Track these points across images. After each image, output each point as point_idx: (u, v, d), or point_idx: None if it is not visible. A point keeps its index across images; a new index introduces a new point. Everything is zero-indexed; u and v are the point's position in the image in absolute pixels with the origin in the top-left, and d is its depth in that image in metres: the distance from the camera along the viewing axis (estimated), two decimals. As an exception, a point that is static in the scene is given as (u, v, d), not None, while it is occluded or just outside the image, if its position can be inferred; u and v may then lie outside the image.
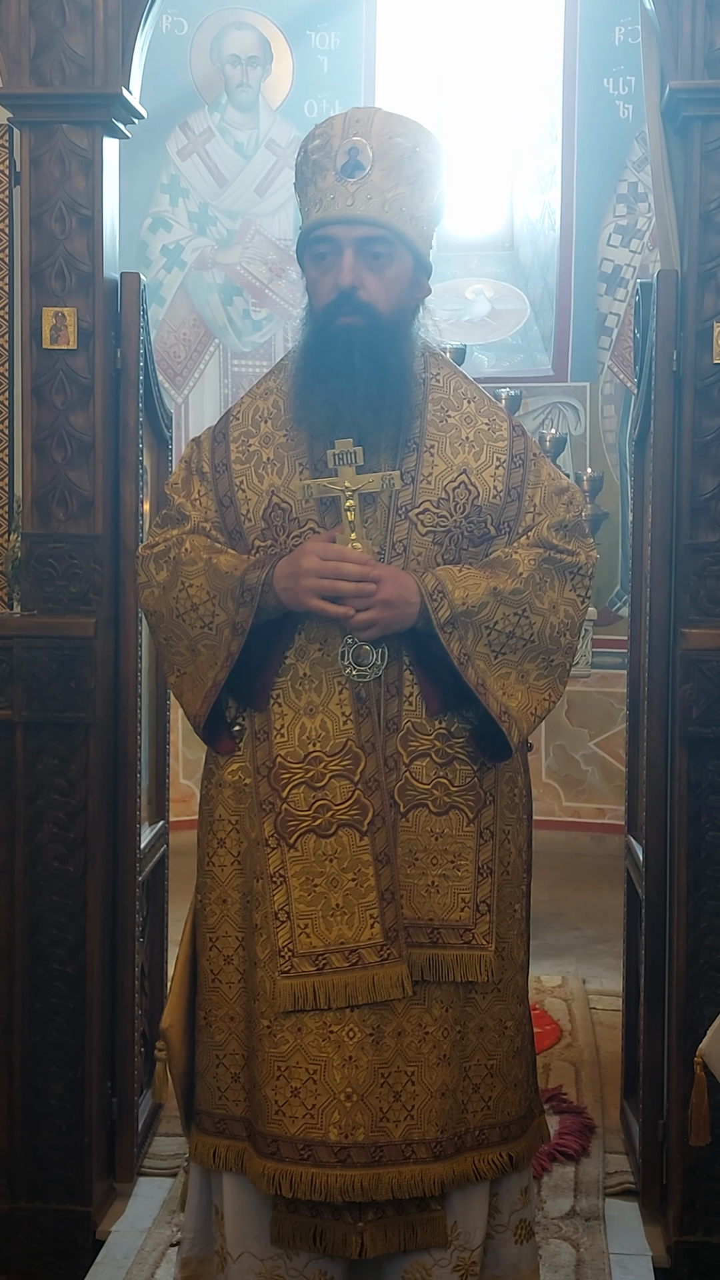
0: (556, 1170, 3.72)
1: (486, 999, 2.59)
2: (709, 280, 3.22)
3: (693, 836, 3.27)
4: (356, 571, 2.42)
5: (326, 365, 2.47)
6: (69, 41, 3.27)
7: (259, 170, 7.41)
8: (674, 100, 3.24)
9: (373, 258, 2.50)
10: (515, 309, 7.78)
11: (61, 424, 3.34)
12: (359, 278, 2.48)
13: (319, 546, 2.45)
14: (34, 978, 3.38)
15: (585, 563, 2.61)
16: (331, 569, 2.42)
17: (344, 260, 2.48)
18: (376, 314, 2.49)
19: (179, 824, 4.58)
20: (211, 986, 2.63)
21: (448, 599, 2.46)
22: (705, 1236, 3.31)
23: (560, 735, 7.31)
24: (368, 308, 2.48)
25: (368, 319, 2.48)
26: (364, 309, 2.48)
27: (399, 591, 2.44)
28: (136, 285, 3.45)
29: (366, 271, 2.49)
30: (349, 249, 2.48)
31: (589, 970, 5.38)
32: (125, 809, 3.52)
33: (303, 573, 2.43)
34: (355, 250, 2.48)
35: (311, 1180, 2.49)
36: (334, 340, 2.47)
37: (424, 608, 2.45)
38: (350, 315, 2.47)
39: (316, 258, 2.53)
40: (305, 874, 2.51)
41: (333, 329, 2.48)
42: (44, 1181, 3.42)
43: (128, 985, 3.54)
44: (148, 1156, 3.74)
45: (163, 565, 2.61)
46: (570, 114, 7.34)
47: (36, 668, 3.33)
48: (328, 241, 2.51)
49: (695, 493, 3.25)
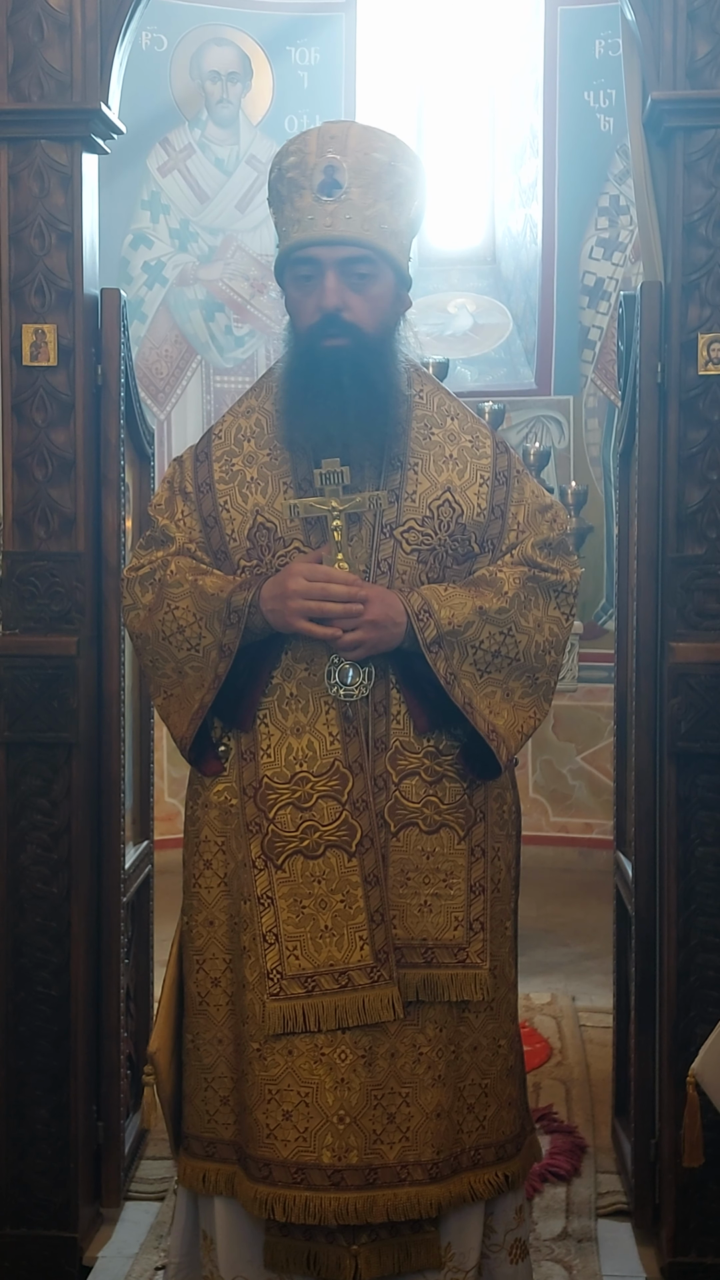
0: (548, 1191, 3.69)
1: (480, 1018, 2.58)
2: (693, 291, 3.21)
3: (682, 852, 3.25)
4: (343, 593, 2.41)
5: (314, 388, 2.46)
6: (46, 56, 3.25)
7: (240, 186, 7.40)
8: (656, 111, 3.23)
9: (357, 278, 2.48)
10: (498, 323, 7.77)
11: (42, 441, 3.31)
12: (343, 299, 2.47)
13: (305, 568, 2.44)
14: (17, 1001, 3.35)
15: (569, 580, 2.60)
16: (318, 590, 2.41)
17: (327, 282, 2.47)
18: (362, 334, 2.48)
19: (165, 842, 4.54)
20: (199, 1009, 2.61)
21: (434, 618, 2.44)
22: (699, 1257, 3.27)
23: (547, 750, 7.29)
24: (353, 328, 2.47)
25: (354, 340, 2.46)
26: (350, 330, 2.47)
27: (386, 612, 2.43)
28: (117, 301, 3.43)
29: (350, 292, 2.48)
30: (331, 270, 2.47)
31: (578, 987, 5.35)
32: (109, 829, 3.48)
33: (289, 594, 2.41)
34: (338, 271, 2.47)
35: (305, 1204, 2.47)
36: (321, 362, 2.46)
37: (410, 627, 2.44)
38: (336, 337, 2.46)
39: (299, 279, 2.52)
40: (293, 895, 2.48)
41: (319, 351, 2.47)
42: (29, 1207, 3.38)
43: (113, 1008, 3.50)
44: (135, 1181, 3.70)
45: (148, 588, 2.58)
46: (551, 127, 7.34)
47: (18, 687, 3.30)
48: (310, 263, 2.49)
49: (681, 505, 3.24)
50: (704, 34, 3.18)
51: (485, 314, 7.80)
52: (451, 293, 7.83)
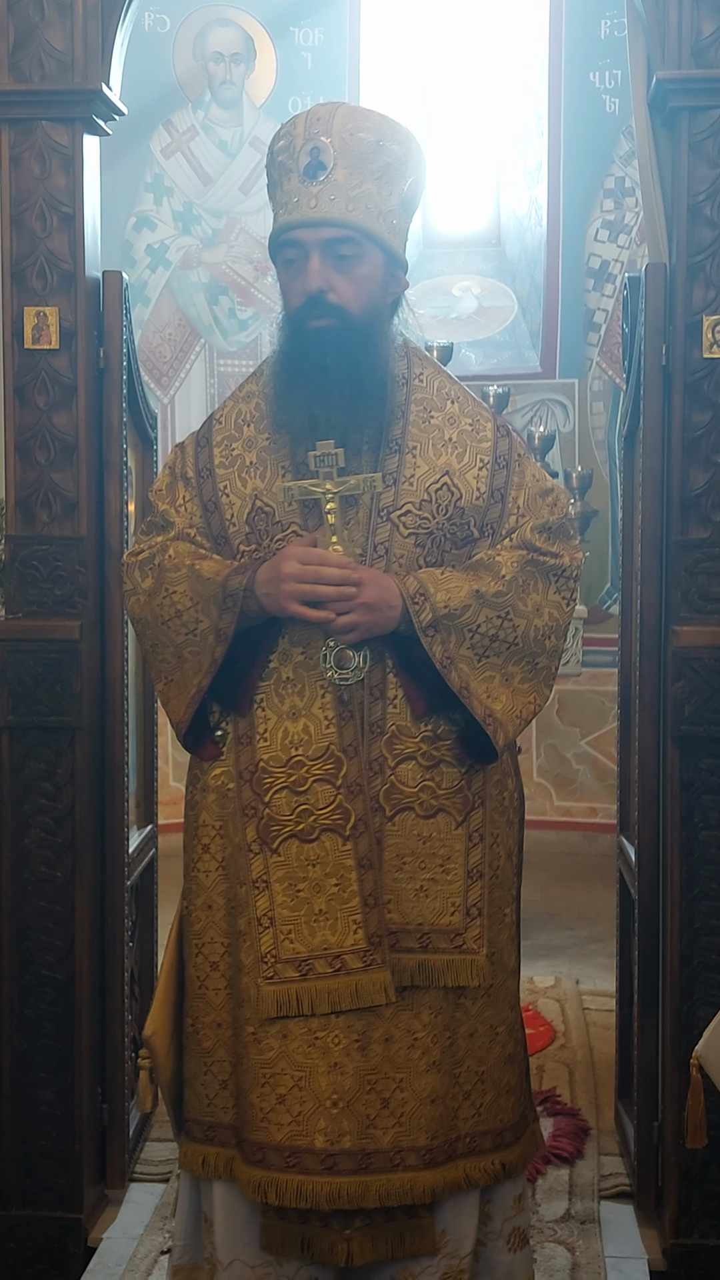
0: (551, 1173, 3.69)
1: (477, 1004, 2.57)
2: (698, 273, 3.20)
3: (685, 836, 3.25)
4: (337, 575, 2.40)
5: (301, 369, 2.45)
6: (47, 37, 3.24)
7: (243, 168, 7.37)
8: (661, 91, 3.21)
9: (340, 259, 2.47)
10: (502, 306, 7.75)
11: (44, 425, 3.30)
12: (327, 280, 2.46)
13: (299, 551, 2.43)
14: (22, 984, 3.35)
15: (570, 565, 2.58)
16: (311, 573, 2.40)
17: (311, 264, 2.46)
18: (348, 315, 2.46)
19: (169, 827, 4.54)
20: (198, 993, 2.60)
21: (430, 602, 2.43)
22: (701, 1239, 3.28)
23: (551, 734, 7.29)
24: (338, 309, 2.45)
25: (339, 320, 2.45)
26: (334, 311, 2.45)
27: (380, 595, 2.41)
28: (119, 284, 3.41)
29: (335, 273, 2.46)
30: (315, 252, 2.46)
31: (582, 970, 5.36)
32: (113, 813, 3.49)
33: (283, 577, 2.40)
34: (321, 253, 2.46)
35: (298, 1188, 2.47)
36: (307, 344, 2.45)
37: (406, 611, 2.43)
38: (321, 318, 2.45)
39: (286, 262, 2.51)
40: (288, 879, 2.48)
41: (305, 332, 2.46)
42: (35, 1189, 3.39)
43: (117, 990, 3.51)
44: (139, 1162, 3.71)
45: (147, 572, 2.58)
46: (556, 109, 7.31)
47: (22, 671, 3.29)
48: (295, 245, 2.48)
49: (686, 488, 3.23)
50: (710, 13, 3.16)
51: (490, 297, 7.78)
52: (456, 275, 7.80)
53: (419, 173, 2.57)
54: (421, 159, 2.58)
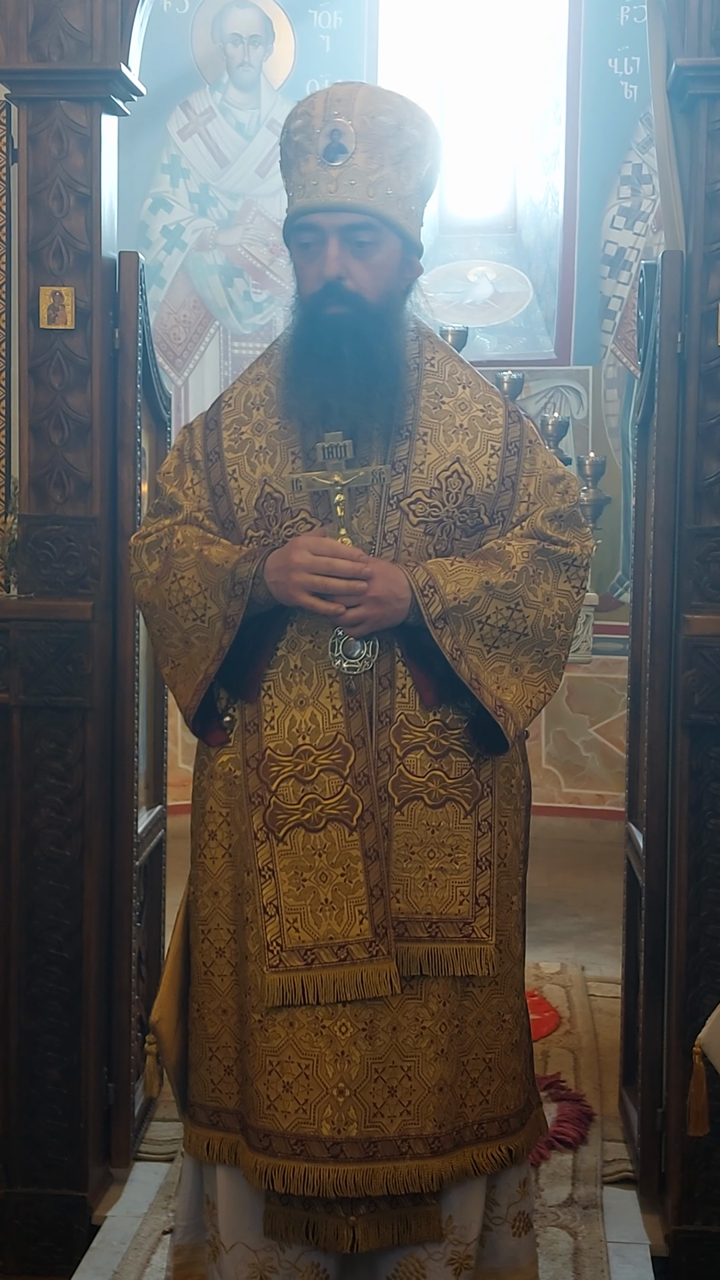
0: (554, 1158, 3.70)
1: (484, 993, 2.57)
2: (715, 261, 3.19)
3: (694, 824, 3.25)
4: (348, 568, 2.38)
5: (315, 356, 2.43)
6: (67, 16, 3.23)
7: (260, 150, 7.36)
8: (680, 78, 3.20)
9: (358, 245, 2.44)
10: (518, 292, 7.73)
11: (59, 405, 3.30)
12: (345, 266, 2.43)
13: (310, 541, 2.41)
14: (30, 963, 3.37)
15: (580, 554, 2.56)
16: (323, 565, 2.38)
17: (329, 250, 2.43)
18: (364, 302, 2.44)
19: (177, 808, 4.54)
20: (204, 979, 2.61)
21: (439, 594, 2.42)
22: (704, 1225, 3.29)
23: (561, 721, 7.29)
24: (355, 297, 2.43)
25: (355, 308, 2.43)
26: (351, 298, 2.43)
27: (389, 588, 2.40)
28: (135, 265, 3.41)
29: (352, 259, 2.44)
30: (334, 237, 2.43)
31: (588, 957, 5.37)
32: (122, 793, 3.50)
33: (293, 567, 2.39)
34: (340, 239, 2.43)
35: (304, 1175, 2.47)
36: (322, 330, 2.43)
37: (415, 603, 2.42)
38: (337, 305, 2.43)
39: (302, 246, 2.48)
40: (294, 868, 2.48)
41: (320, 319, 2.44)
42: (40, 1167, 3.41)
43: (124, 970, 3.52)
44: (144, 1142, 3.73)
45: (155, 556, 2.57)
46: (574, 95, 7.28)
47: (33, 651, 3.30)
48: (312, 230, 2.46)
49: (699, 477, 3.22)
50: (730, 0, 3.15)
51: (505, 282, 7.76)
52: (472, 261, 7.79)
53: (436, 157, 2.54)
54: (439, 143, 2.56)
